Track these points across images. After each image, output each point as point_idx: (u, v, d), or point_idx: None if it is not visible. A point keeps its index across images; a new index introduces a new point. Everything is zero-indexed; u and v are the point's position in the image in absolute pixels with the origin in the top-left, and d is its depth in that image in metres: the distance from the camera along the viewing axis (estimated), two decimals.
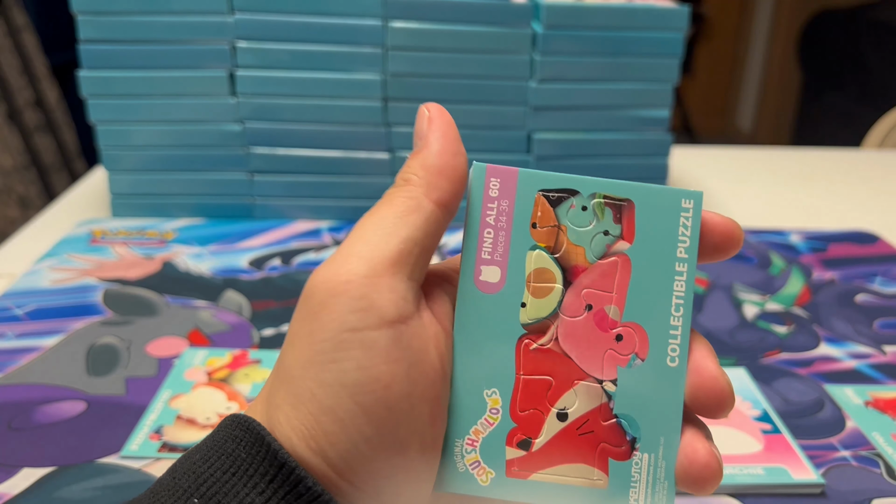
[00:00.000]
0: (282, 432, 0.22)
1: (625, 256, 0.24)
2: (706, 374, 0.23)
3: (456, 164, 0.24)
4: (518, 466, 0.24)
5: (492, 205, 0.24)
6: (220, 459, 0.22)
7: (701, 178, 0.82)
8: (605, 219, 0.24)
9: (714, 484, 0.23)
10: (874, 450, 0.41)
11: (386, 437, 0.22)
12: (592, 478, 0.24)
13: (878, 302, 0.57)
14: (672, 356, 0.24)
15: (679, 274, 0.24)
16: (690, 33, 2.48)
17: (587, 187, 0.24)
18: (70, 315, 0.51)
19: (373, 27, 0.61)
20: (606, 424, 0.24)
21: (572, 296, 0.24)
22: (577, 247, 0.24)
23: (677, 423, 0.23)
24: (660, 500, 0.23)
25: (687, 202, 0.24)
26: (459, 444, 0.23)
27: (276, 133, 0.65)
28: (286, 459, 0.21)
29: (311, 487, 0.21)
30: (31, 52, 1.42)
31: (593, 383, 0.24)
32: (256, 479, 0.21)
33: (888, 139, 1.07)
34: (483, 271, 0.24)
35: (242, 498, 0.21)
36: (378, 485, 0.22)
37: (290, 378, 0.22)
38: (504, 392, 0.24)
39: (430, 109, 0.25)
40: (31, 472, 0.38)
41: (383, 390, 0.21)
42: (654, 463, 0.23)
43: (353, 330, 0.21)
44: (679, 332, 0.24)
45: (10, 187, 1.37)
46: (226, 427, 0.23)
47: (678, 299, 0.24)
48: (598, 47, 0.63)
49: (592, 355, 0.24)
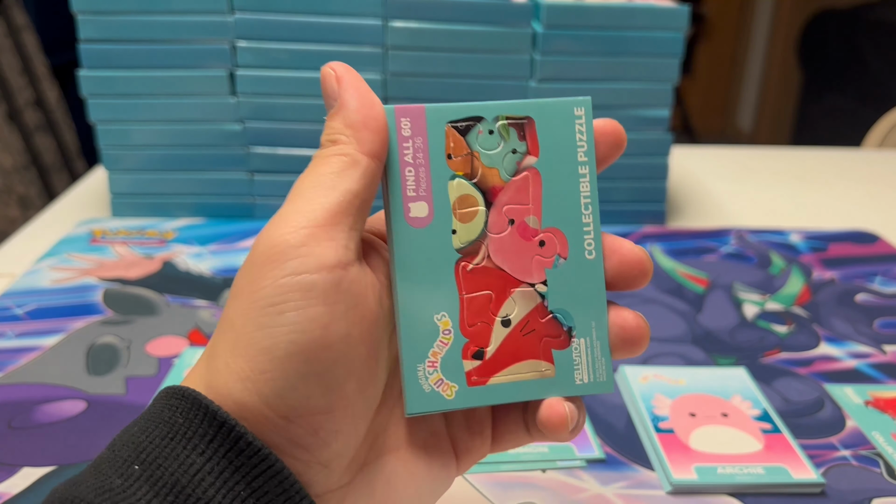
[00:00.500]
0: (220, 379, 0.22)
1: (534, 170, 0.26)
2: (624, 250, 0.26)
3: (376, 115, 0.25)
4: (477, 375, 0.26)
5: (407, 144, 0.25)
6: (159, 427, 0.22)
7: (701, 178, 0.82)
8: (511, 138, 0.26)
9: (645, 340, 0.26)
10: (874, 449, 0.41)
11: (322, 375, 0.22)
12: (542, 370, 0.26)
13: (878, 301, 0.57)
14: (589, 250, 0.26)
15: (582, 176, 0.26)
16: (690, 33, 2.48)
17: (490, 112, 0.26)
18: (70, 314, 0.51)
19: (373, 27, 0.61)
20: (545, 321, 0.26)
21: (495, 214, 0.26)
22: (491, 169, 0.26)
23: (603, 306, 0.26)
24: (600, 374, 0.27)
25: (578, 109, 0.26)
26: (421, 368, 0.25)
27: (276, 133, 0.65)
28: (225, 418, 0.22)
29: (252, 442, 0.22)
30: (31, 51, 1.42)
31: (527, 288, 0.26)
32: (196, 441, 0.22)
33: (888, 139, 1.07)
34: (411, 208, 0.25)
35: (183, 460, 0.21)
36: (315, 421, 0.23)
37: (230, 326, 0.23)
38: (452, 313, 0.26)
39: (336, 68, 0.25)
40: (31, 472, 0.38)
41: (321, 330, 0.22)
42: (590, 345, 0.26)
43: (292, 274, 0.22)
44: (591, 227, 0.26)
45: (10, 187, 1.37)
46: (161, 398, 0.23)
47: (585, 198, 0.26)
48: (598, 47, 0.63)
49: (522, 264, 0.26)
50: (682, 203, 0.76)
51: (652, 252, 0.63)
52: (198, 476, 0.21)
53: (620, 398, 0.45)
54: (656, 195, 0.69)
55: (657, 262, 0.62)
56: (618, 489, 0.38)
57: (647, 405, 0.43)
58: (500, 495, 0.37)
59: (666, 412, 0.43)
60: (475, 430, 0.28)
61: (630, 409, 0.44)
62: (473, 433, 0.28)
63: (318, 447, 0.23)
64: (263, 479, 0.22)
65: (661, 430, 0.41)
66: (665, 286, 0.58)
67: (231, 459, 0.22)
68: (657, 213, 0.69)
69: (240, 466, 0.22)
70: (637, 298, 0.56)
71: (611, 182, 0.67)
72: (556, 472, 0.39)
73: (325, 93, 0.25)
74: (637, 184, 0.68)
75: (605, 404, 0.44)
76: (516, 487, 0.38)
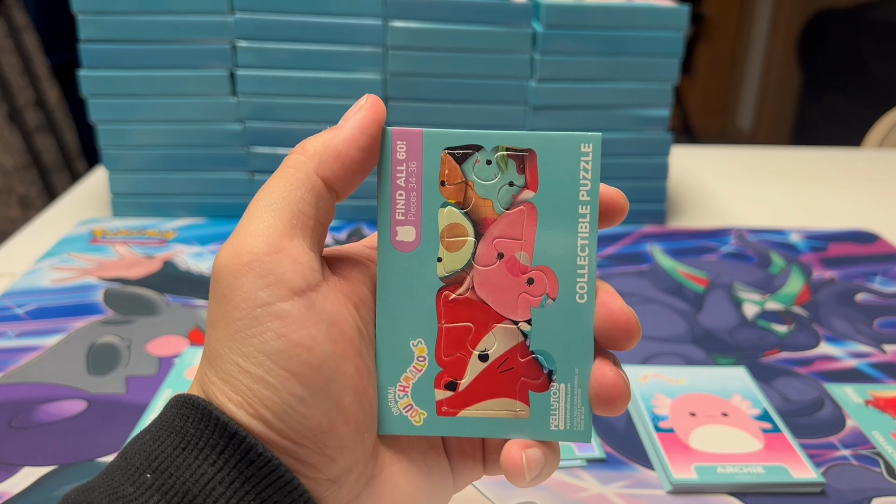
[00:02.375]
0: (220, 405, 0.22)
1: (530, 205, 0.25)
2: (614, 309, 0.25)
3: (356, 157, 0.24)
4: (447, 406, 0.26)
5: (401, 167, 0.25)
6: (170, 437, 0.22)
7: (701, 178, 0.82)
8: (509, 170, 0.25)
9: (622, 402, 0.25)
10: (874, 449, 0.41)
11: (318, 394, 0.23)
12: (515, 409, 0.26)
13: (878, 301, 0.57)
14: (581, 293, 0.25)
15: (583, 216, 0.25)
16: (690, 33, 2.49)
17: (490, 141, 0.25)
18: (71, 314, 0.51)
19: (373, 27, 0.61)
20: (524, 361, 0.26)
21: (484, 246, 0.25)
22: (485, 200, 0.25)
23: (589, 353, 0.25)
24: (578, 423, 0.26)
25: (586, 146, 0.25)
26: (392, 391, 0.25)
27: (276, 133, 0.65)
28: (236, 430, 0.22)
29: (262, 453, 0.22)
30: (31, 52, 1.42)
31: (510, 325, 0.26)
32: (207, 451, 0.22)
33: (888, 139, 1.07)
34: (398, 232, 0.25)
35: (195, 469, 0.22)
36: (320, 440, 0.23)
37: (217, 356, 0.23)
38: (429, 341, 0.25)
39: (368, 100, 0.25)
40: (31, 471, 0.38)
41: (307, 352, 0.22)
42: (570, 392, 0.26)
43: (265, 305, 0.22)
44: (586, 270, 0.25)
45: (10, 187, 1.37)
46: (172, 407, 0.23)
47: (583, 240, 0.25)
48: (597, 47, 0.63)
49: (507, 299, 0.25)
50: (682, 203, 0.76)
51: (652, 252, 0.63)
52: (209, 486, 0.21)
53: None
54: (656, 195, 0.69)
55: (657, 261, 0.62)
56: (618, 489, 0.38)
57: (647, 405, 0.43)
58: (500, 495, 0.37)
59: (666, 412, 0.43)
60: (466, 453, 0.28)
61: (630, 408, 0.44)
62: (465, 455, 0.28)
63: (325, 464, 0.23)
64: (273, 490, 0.22)
65: (661, 429, 0.41)
66: (665, 286, 0.58)
67: (241, 470, 0.22)
68: (657, 213, 0.69)
69: (250, 477, 0.22)
70: (637, 298, 0.56)
71: (611, 182, 0.66)
72: (556, 471, 0.39)
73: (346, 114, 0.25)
74: (637, 183, 0.68)
75: None
76: (516, 487, 0.38)
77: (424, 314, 0.25)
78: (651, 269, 0.61)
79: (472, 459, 0.28)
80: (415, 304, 0.25)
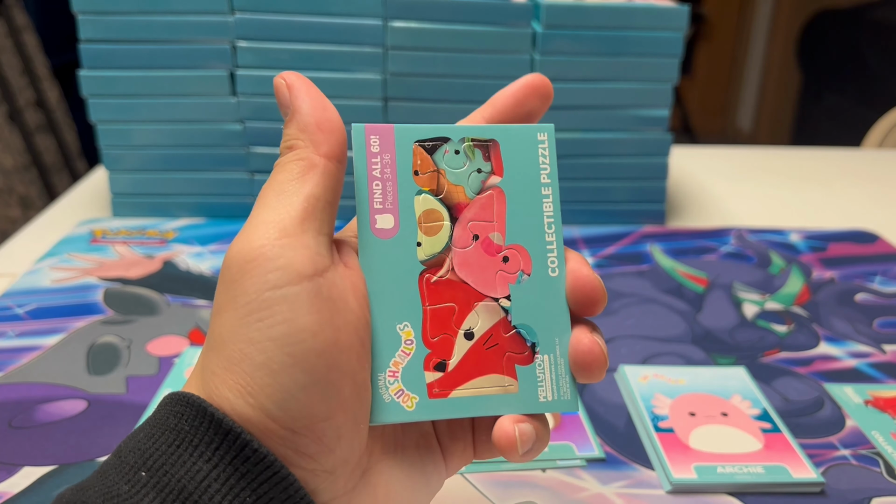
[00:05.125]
0: (220, 395, 0.23)
1: (498, 189, 0.27)
2: (581, 277, 0.26)
3: (330, 117, 0.25)
4: (438, 387, 0.26)
5: (375, 160, 0.26)
6: (165, 434, 0.22)
7: (701, 178, 0.82)
8: (476, 158, 0.27)
9: (599, 368, 0.26)
10: (874, 448, 0.41)
11: (319, 382, 0.23)
12: (504, 385, 0.26)
13: (878, 301, 0.57)
14: (552, 267, 0.27)
15: (546, 196, 0.27)
16: (690, 33, 2.49)
17: (456, 134, 0.27)
18: (71, 314, 0.52)
19: (373, 27, 0.61)
20: (508, 336, 0.27)
21: (460, 229, 0.27)
22: (457, 186, 0.27)
23: (567, 323, 0.27)
24: (564, 392, 0.26)
25: (542, 135, 0.27)
26: (382, 378, 0.25)
27: (276, 132, 0.65)
28: (231, 426, 0.22)
29: (258, 449, 0.22)
30: (31, 52, 1.42)
31: (491, 302, 0.27)
32: (202, 449, 0.22)
33: (888, 139, 1.07)
34: (378, 220, 0.26)
35: (190, 467, 0.22)
36: (318, 428, 0.23)
37: (221, 343, 0.23)
38: (415, 324, 0.26)
39: (286, 78, 0.25)
40: (31, 471, 0.38)
41: (311, 339, 0.22)
42: (554, 361, 0.27)
43: (273, 288, 0.22)
44: (554, 245, 0.27)
45: (11, 187, 1.38)
46: (166, 404, 0.23)
47: (548, 218, 0.27)
48: (597, 47, 0.63)
49: (486, 278, 0.27)
50: (682, 203, 0.76)
51: (652, 252, 0.63)
52: (204, 483, 0.21)
53: (620, 398, 0.45)
54: (656, 195, 0.69)
55: (657, 261, 0.62)
56: (618, 488, 0.38)
57: (647, 405, 0.43)
58: (500, 494, 0.37)
59: (666, 412, 0.43)
60: (457, 436, 0.28)
61: (630, 408, 0.44)
62: (455, 438, 0.28)
63: (322, 454, 0.23)
64: (269, 486, 0.22)
65: (661, 429, 0.41)
66: (665, 286, 0.58)
67: (237, 466, 0.22)
68: (657, 213, 0.69)
69: (245, 473, 0.22)
70: (637, 298, 0.56)
71: (611, 182, 0.67)
72: (556, 471, 0.39)
73: (279, 103, 0.26)
74: (637, 184, 0.68)
75: (605, 404, 0.44)
76: (516, 486, 0.38)
77: (408, 298, 0.26)
78: (651, 270, 0.61)
79: (463, 442, 0.28)
80: (398, 289, 0.26)
